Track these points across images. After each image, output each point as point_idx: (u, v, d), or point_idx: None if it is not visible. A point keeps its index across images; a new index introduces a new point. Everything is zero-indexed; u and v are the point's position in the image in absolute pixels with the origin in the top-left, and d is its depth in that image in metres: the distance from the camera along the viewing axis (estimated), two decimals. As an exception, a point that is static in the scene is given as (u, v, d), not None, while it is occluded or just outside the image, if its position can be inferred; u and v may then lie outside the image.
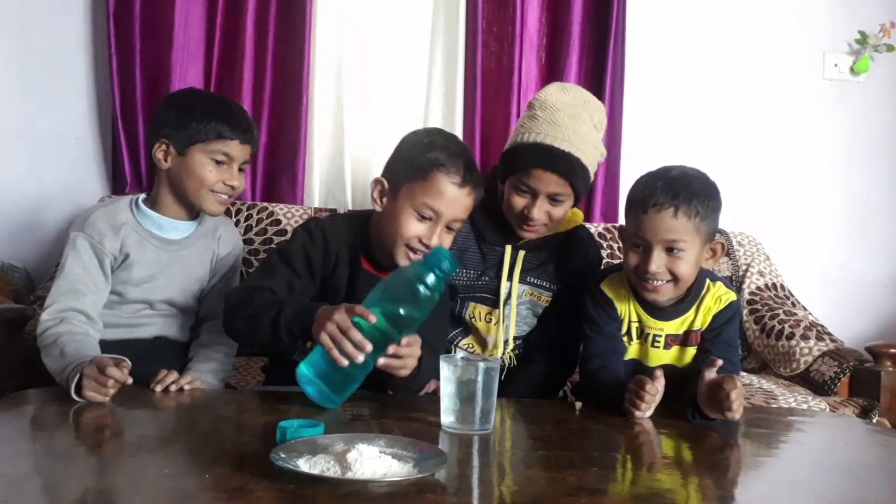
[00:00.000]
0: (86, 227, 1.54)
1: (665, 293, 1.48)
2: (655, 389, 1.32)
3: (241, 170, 1.62)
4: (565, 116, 1.59)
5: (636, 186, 1.50)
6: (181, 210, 1.63)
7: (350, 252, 1.54)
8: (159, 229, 1.61)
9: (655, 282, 1.45)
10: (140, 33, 2.42)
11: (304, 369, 1.29)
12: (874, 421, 1.93)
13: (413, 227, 1.45)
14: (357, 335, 1.24)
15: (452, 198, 1.45)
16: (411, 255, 1.46)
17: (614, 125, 2.60)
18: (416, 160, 1.47)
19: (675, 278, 1.45)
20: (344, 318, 1.25)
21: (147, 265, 1.59)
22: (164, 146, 1.58)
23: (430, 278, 1.27)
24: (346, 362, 1.25)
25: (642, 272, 1.45)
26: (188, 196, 1.59)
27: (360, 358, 1.24)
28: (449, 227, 1.49)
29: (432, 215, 1.45)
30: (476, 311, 1.70)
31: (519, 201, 1.62)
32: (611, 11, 2.55)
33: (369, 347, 1.25)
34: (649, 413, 1.35)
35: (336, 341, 1.24)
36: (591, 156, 1.62)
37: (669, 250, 1.44)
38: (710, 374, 1.33)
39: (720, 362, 1.35)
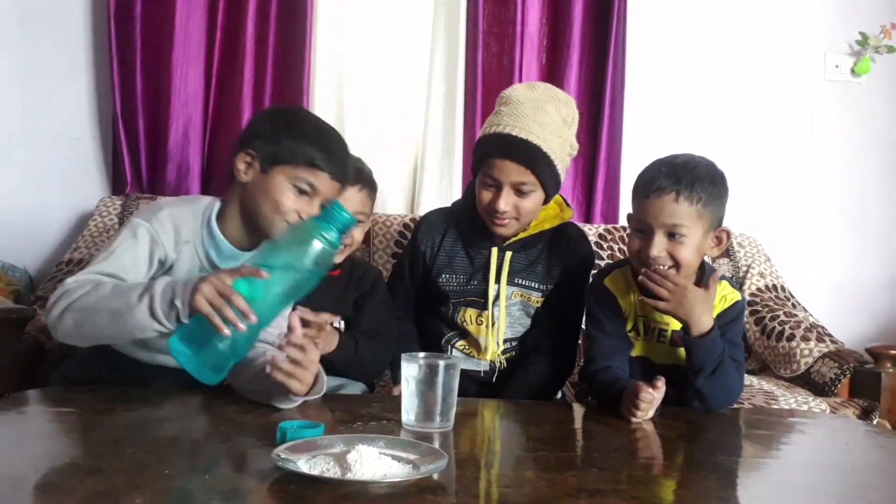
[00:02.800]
0: (153, 220, 1.38)
1: None
2: (651, 397, 1.32)
3: (323, 207, 1.41)
4: (528, 109, 1.57)
5: (642, 171, 1.50)
6: (244, 234, 1.44)
7: None
8: (218, 255, 1.43)
9: (657, 267, 1.45)
10: (140, 34, 2.43)
11: (176, 343, 1.19)
12: (875, 422, 1.93)
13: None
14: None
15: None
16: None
17: (614, 125, 2.61)
18: None
19: (676, 264, 1.44)
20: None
21: None
22: (248, 157, 1.42)
23: (329, 232, 1.23)
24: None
25: (644, 257, 1.45)
26: (258, 219, 1.41)
27: (242, 326, 1.17)
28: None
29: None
30: (467, 315, 1.70)
31: (486, 195, 1.61)
32: (611, 12, 2.55)
33: (254, 318, 1.17)
34: (649, 416, 1.35)
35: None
36: (555, 146, 1.58)
37: (671, 235, 1.44)
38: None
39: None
